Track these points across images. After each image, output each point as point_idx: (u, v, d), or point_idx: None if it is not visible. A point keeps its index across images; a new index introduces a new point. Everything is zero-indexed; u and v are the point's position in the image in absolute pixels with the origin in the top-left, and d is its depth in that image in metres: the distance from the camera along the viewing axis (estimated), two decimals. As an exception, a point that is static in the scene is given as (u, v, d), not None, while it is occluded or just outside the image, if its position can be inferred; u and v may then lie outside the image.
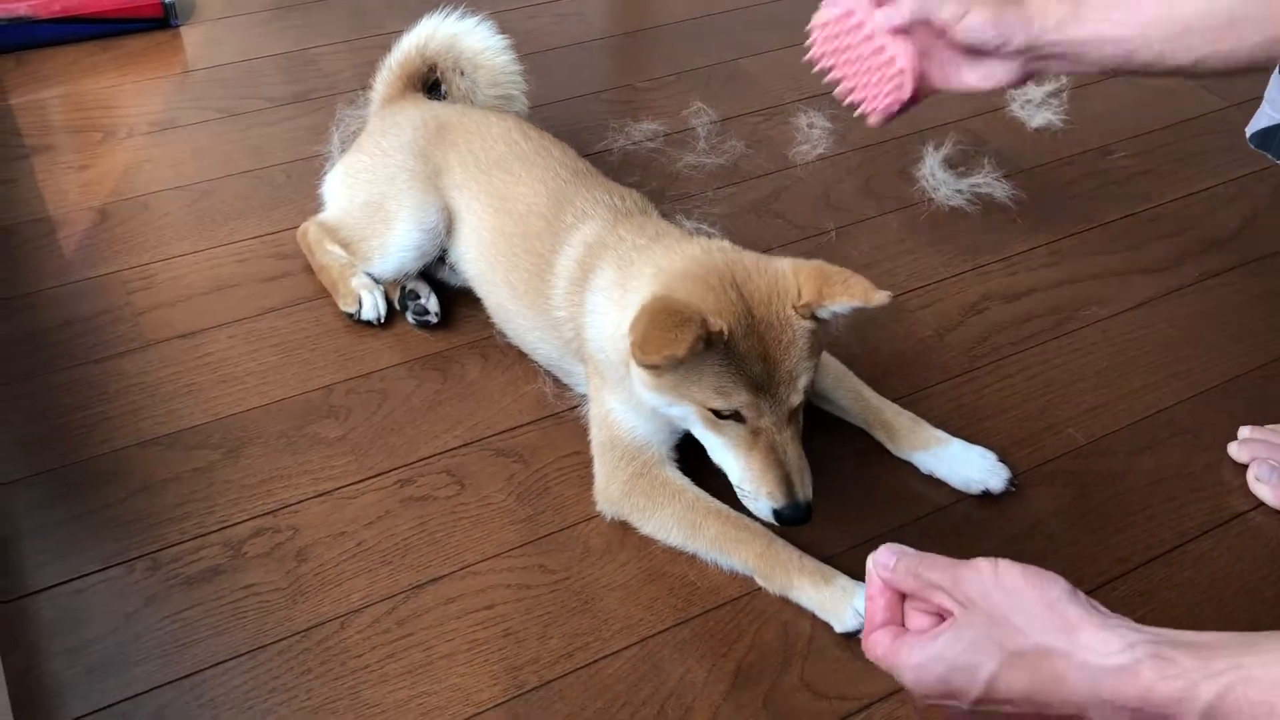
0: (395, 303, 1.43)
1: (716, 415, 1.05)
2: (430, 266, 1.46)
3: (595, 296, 1.18)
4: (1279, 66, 1.06)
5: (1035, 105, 1.87)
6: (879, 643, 0.80)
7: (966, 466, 1.25)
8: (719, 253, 1.11)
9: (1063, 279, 1.56)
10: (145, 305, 1.45)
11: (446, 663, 1.07)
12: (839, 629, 1.09)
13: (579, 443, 1.28)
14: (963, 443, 1.26)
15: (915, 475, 1.26)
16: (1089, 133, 1.83)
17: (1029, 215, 1.66)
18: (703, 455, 1.24)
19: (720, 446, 1.08)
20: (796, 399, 1.05)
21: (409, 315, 1.42)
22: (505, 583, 1.15)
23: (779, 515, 1.06)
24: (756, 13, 2.15)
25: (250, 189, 1.66)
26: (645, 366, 1.01)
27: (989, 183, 1.70)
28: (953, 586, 0.77)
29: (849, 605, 1.08)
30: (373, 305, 1.41)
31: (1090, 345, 1.45)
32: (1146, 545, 1.21)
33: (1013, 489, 1.25)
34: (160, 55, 1.96)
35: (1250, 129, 1.12)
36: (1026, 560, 1.16)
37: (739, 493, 1.09)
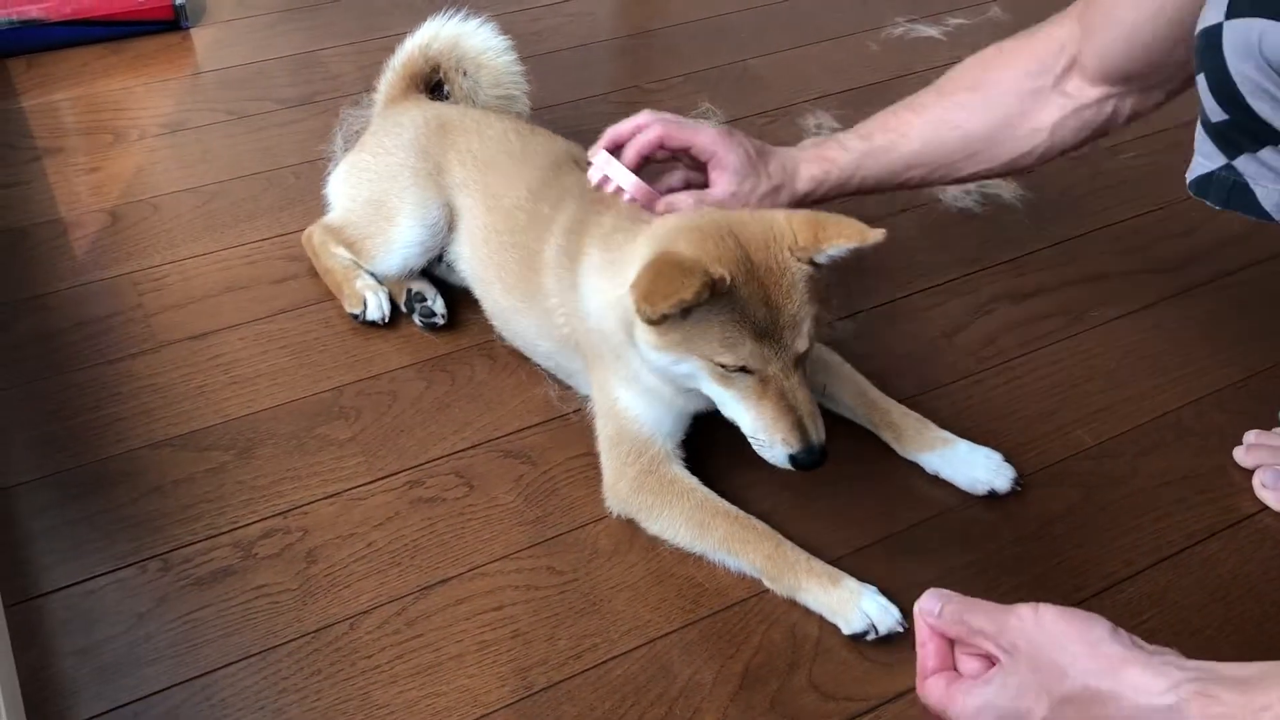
0: (402, 305, 1.44)
1: (724, 368, 1.06)
2: (430, 265, 1.46)
3: (586, 277, 1.19)
4: (1199, 120, 1.11)
5: (1044, 105, 1.86)
6: (934, 689, 0.83)
7: (972, 467, 1.25)
8: (711, 209, 1.13)
9: (1071, 280, 1.56)
10: (156, 307, 1.46)
11: (455, 664, 1.08)
12: (846, 631, 1.09)
13: (587, 444, 1.28)
14: (969, 443, 1.26)
15: (922, 476, 1.27)
16: (1098, 133, 1.83)
17: (1037, 216, 1.66)
18: (710, 456, 1.25)
19: (730, 399, 1.09)
20: (802, 344, 1.06)
21: (415, 318, 1.43)
22: (514, 584, 1.15)
23: (795, 460, 1.07)
24: (764, 13, 2.15)
25: (260, 190, 1.67)
26: (652, 321, 1.02)
27: (997, 183, 1.69)
28: (997, 634, 0.79)
29: (856, 607, 1.08)
30: (377, 306, 1.41)
31: (1098, 346, 1.45)
32: (1154, 547, 1.21)
33: (1019, 489, 1.25)
34: (171, 57, 1.97)
35: (1189, 177, 1.16)
36: (1034, 561, 1.18)
37: (753, 443, 1.09)
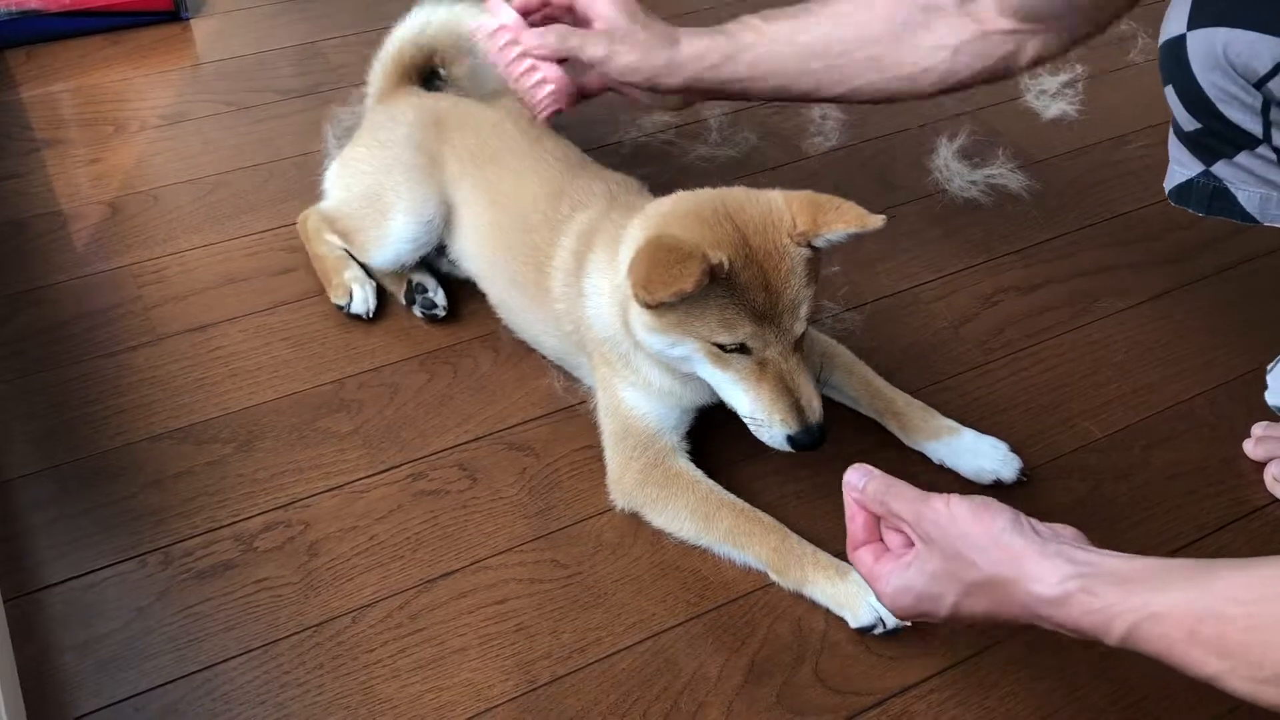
0: (402, 297, 1.43)
1: (721, 349, 1.05)
2: (431, 258, 1.45)
3: (590, 281, 1.18)
4: (1172, 129, 1.09)
5: (1050, 96, 1.85)
6: (862, 561, 0.93)
7: (978, 457, 1.24)
8: (707, 190, 1.12)
9: (1078, 270, 1.54)
10: (156, 299, 1.45)
11: (458, 658, 1.07)
12: (854, 624, 1.08)
13: (591, 436, 1.27)
14: (974, 433, 1.25)
15: (928, 467, 1.25)
16: (1104, 122, 1.81)
17: (1044, 206, 1.65)
18: (715, 449, 1.24)
19: (727, 381, 1.08)
20: (800, 327, 1.06)
21: (416, 309, 1.42)
22: (517, 577, 1.14)
23: (793, 441, 1.06)
24: (769, 3, 2.13)
25: (260, 182, 1.66)
26: (649, 306, 1.01)
27: (1004, 174, 1.68)
28: (914, 522, 0.88)
29: (864, 601, 1.07)
30: (363, 299, 1.41)
31: (1106, 337, 1.44)
32: (1163, 540, 1.19)
33: (1025, 479, 1.23)
34: (170, 48, 1.96)
35: (1167, 186, 1.16)
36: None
37: (751, 424, 1.08)
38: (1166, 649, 0.73)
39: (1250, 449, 1.28)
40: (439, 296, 1.42)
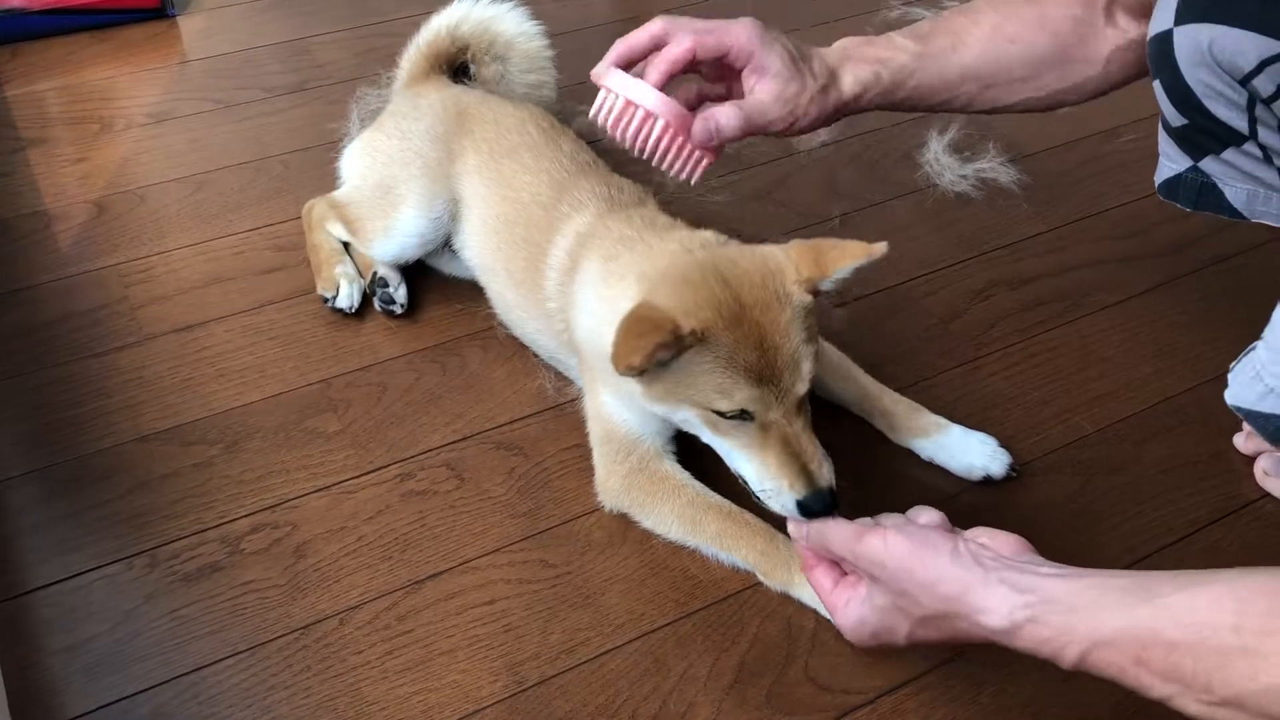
0: (365, 288, 1.43)
1: (721, 416, 1.01)
2: (432, 257, 1.45)
3: (582, 290, 1.17)
4: (1161, 124, 1.10)
5: (1041, 88, 1.84)
6: (820, 583, 0.96)
7: (967, 452, 1.23)
8: (701, 248, 1.09)
9: (1069, 265, 1.54)
10: (142, 299, 1.44)
11: (447, 659, 1.06)
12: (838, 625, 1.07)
13: (580, 435, 1.26)
14: (962, 429, 1.24)
15: (917, 464, 1.25)
16: (1095, 116, 1.80)
17: (1035, 200, 1.64)
18: (704, 451, 1.23)
19: (732, 450, 1.04)
20: (802, 387, 1.01)
21: (376, 302, 1.42)
22: (506, 577, 1.14)
23: (803, 507, 1.00)
24: (759, 3, 2.13)
25: (247, 180, 1.65)
26: (623, 376, 1.00)
27: (994, 168, 1.68)
28: (855, 560, 0.89)
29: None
30: (348, 295, 1.41)
31: (1098, 332, 1.43)
32: (1155, 534, 1.19)
33: (1014, 474, 1.23)
34: (157, 46, 1.95)
35: (1157, 180, 1.14)
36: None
37: (762, 496, 1.03)
38: (1119, 675, 0.74)
39: (1240, 443, 1.27)
40: (399, 293, 1.42)
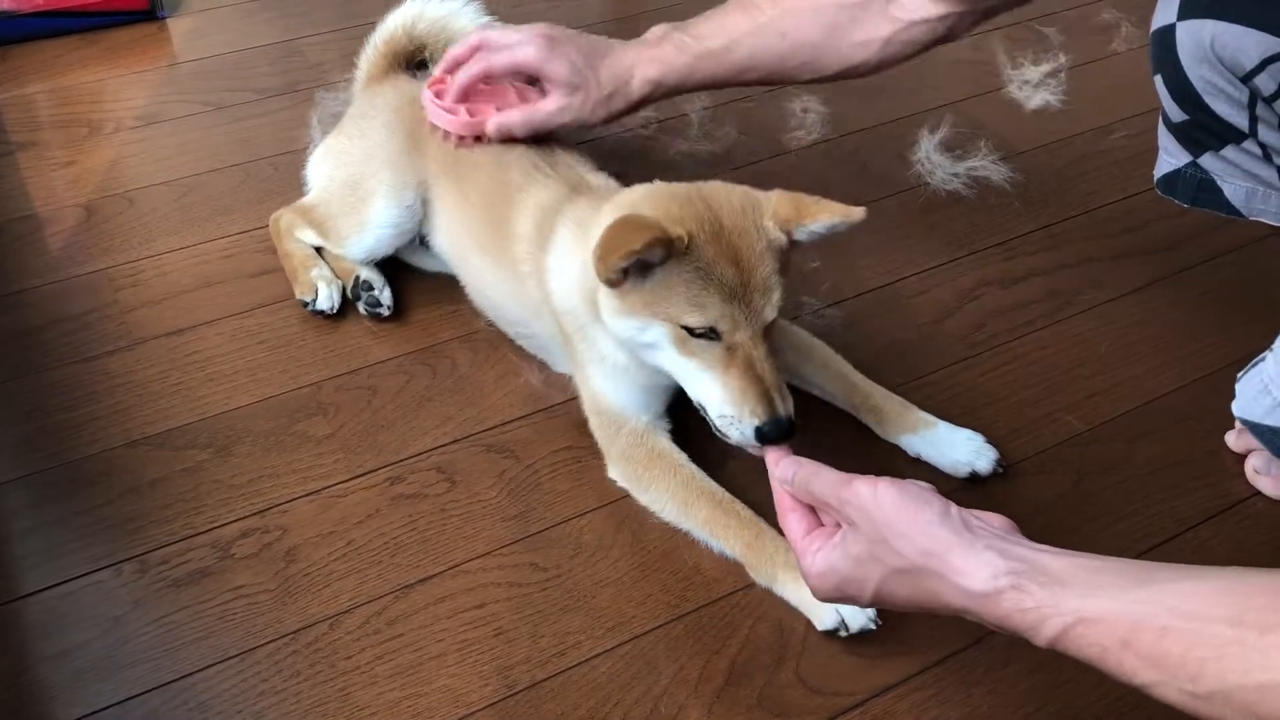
0: (348, 292, 1.42)
1: (689, 333, 1.03)
2: (410, 254, 1.45)
3: (555, 257, 1.18)
4: (1161, 119, 1.09)
5: (1033, 86, 1.84)
6: (793, 528, 0.91)
7: (954, 449, 1.23)
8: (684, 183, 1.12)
9: (1062, 263, 1.53)
10: (132, 303, 1.43)
11: (437, 663, 1.06)
12: (819, 627, 1.07)
13: (571, 437, 1.26)
14: (949, 425, 1.25)
15: (904, 460, 1.25)
16: (1088, 112, 1.81)
17: (1027, 198, 1.64)
18: (703, 443, 1.22)
19: (695, 370, 1.05)
20: (771, 312, 1.04)
21: (361, 306, 1.41)
22: (496, 581, 1.13)
23: (761, 433, 1.02)
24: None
25: (238, 183, 1.64)
26: (609, 281, 1.01)
27: (986, 166, 1.67)
28: (839, 506, 0.85)
29: (830, 604, 1.06)
30: (327, 297, 1.40)
31: (1090, 330, 1.43)
32: (1146, 534, 1.19)
33: (1001, 470, 1.23)
34: (146, 48, 1.94)
35: (1156, 175, 1.14)
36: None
37: (721, 421, 1.04)
38: (1099, 656, 0.71)
39: (1232, 441, 1.27)
40: (384, 295, 1.41)
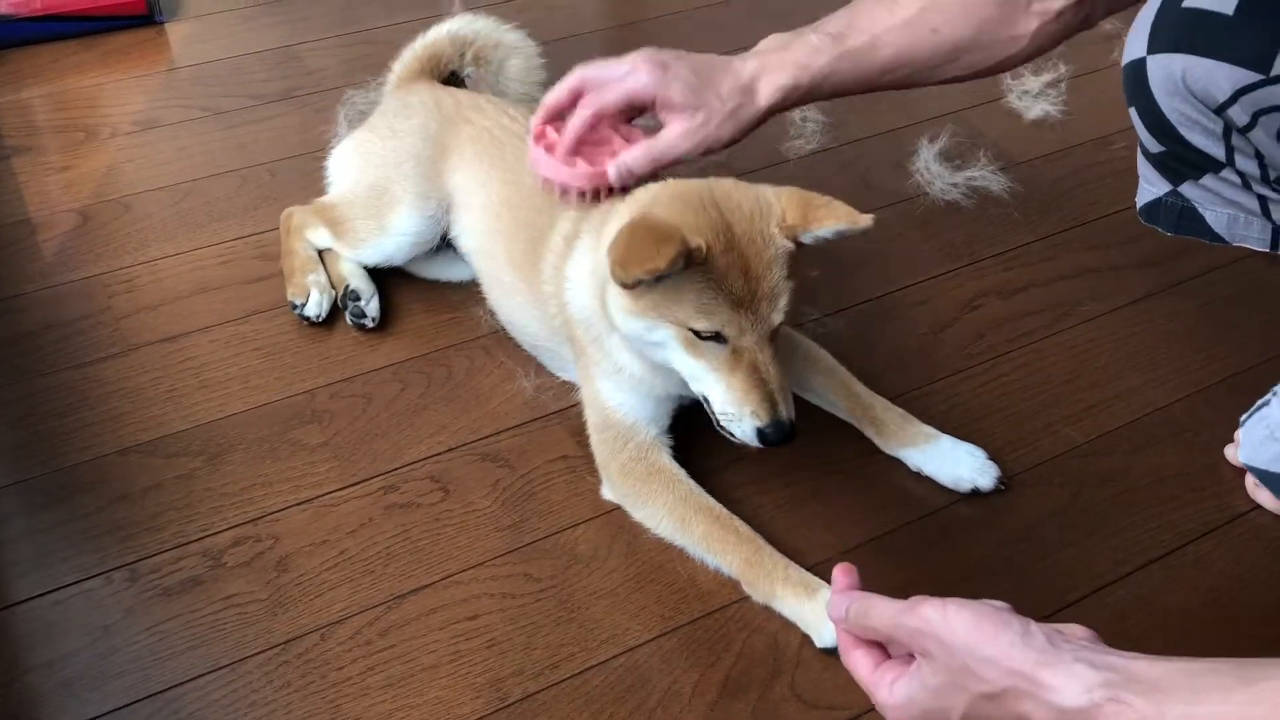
0: (337, 300, 1.42)
1: (697, 336, 1.04)
2: (413, 263, 1.45)
3: (572, 262, 1.18)
4: (1139, 149, 1.10)
5: (1032, 96, 1.83)
6: (859, 665, 0.82)
7: (956, 464, 1.22)
8: (697, 179, 1.11)
9: (1060, 274, 1.53)
10: (127, 309, 1.43)
11: (429, 675, 1.05)
12: (818, 644, 1.07)
13: (566, 446, 1.26)
14: (952, 439, 1.24)
15: (905, 474, 1.24)
16: (1087, 123, 1.80)
17: (1026, 208, 1.64)
18: (700, 455, 1.22)
19: (701, 370, 1.06)
20: (778, 318, 1.05)
21: (347, 315, 1.41)
22: (489, 592, 1.12)
23: (762, 434, 1.04)
24: (751, 5, 2.12)
25: (234, 188, 1.63)
26: (625, 285, 1.01)
27: (985, 176, 1.67)
28: (909, 639, 0.78)
29: (828, 622, 1.05)
30: (317, 303, 1.39)
31: (1088, 342, 1.42)
32: (1144, 547, 1.18)
33: (1002, 487, 1.22)
34: (144, 53, 1.94)
35: (1138, 203, 1.13)
36: (1022, 563, 1.15)
37: (723, 418, 1.06)
38: None
39: (1232, 454, 1.26)
40: (370, 307, 1.41)
